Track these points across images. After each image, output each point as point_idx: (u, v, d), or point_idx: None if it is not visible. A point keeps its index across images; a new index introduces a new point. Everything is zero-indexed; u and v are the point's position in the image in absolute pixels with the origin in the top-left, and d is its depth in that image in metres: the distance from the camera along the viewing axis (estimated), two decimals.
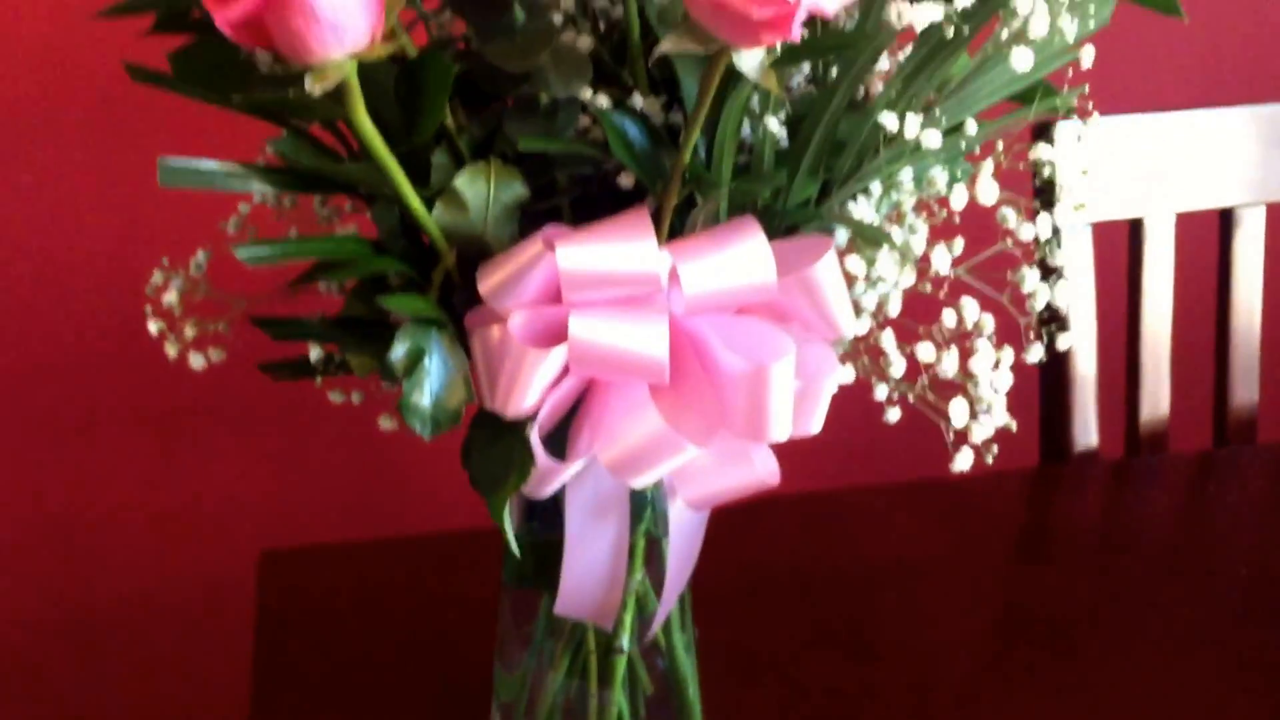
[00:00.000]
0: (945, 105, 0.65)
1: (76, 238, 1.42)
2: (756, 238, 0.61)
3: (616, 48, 0.67)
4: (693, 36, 0.53)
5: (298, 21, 0.50)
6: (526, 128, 0.62)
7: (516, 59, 0.58)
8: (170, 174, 0.56)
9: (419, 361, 0.59)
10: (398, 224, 0.63)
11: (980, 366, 0.62)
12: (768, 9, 0.49)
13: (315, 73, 0.53)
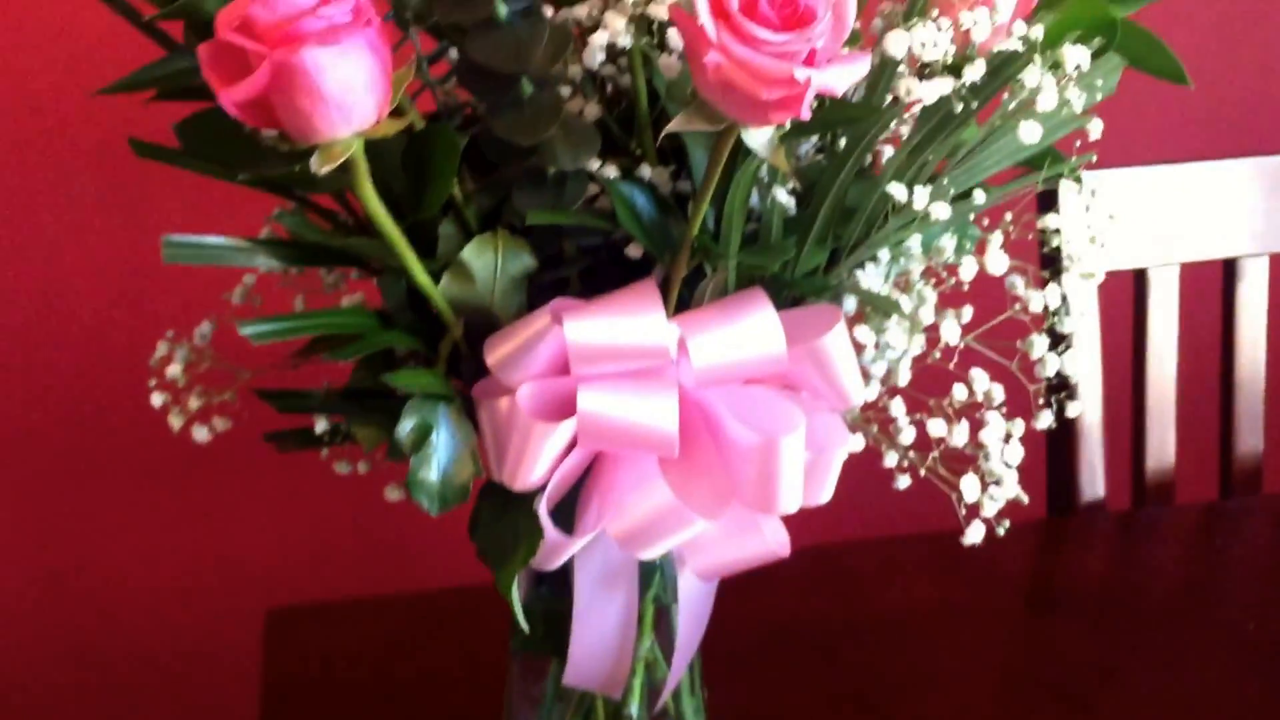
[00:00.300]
0: (953, 174, 0.65)
1: (81, 294, 1.42)
2: (765, 309, 0.61)
3: (623, 116, 0.67)
4: (702, 115, 0.53)
5: (304, 102, 0.50)
6: (534, 199, 0.61)
7: (525, 133, 0.58)
8: (175, 251, 0.56)
9: (426, 437, 0.58)
10: (404, 295, 0.62)
11: (991, 438, 0.61)
12: (777, 90, 0.49)
13: (322, 151, 0.52)
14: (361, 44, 0.50)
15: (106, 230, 1.37)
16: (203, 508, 1.50)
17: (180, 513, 1.51)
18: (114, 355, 1.40)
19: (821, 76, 0.49)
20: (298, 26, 0.49)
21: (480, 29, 0.56)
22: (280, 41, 0.49)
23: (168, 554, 1.53)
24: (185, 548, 1.53)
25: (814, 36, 0.49)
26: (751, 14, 0.49)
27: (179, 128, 0.61)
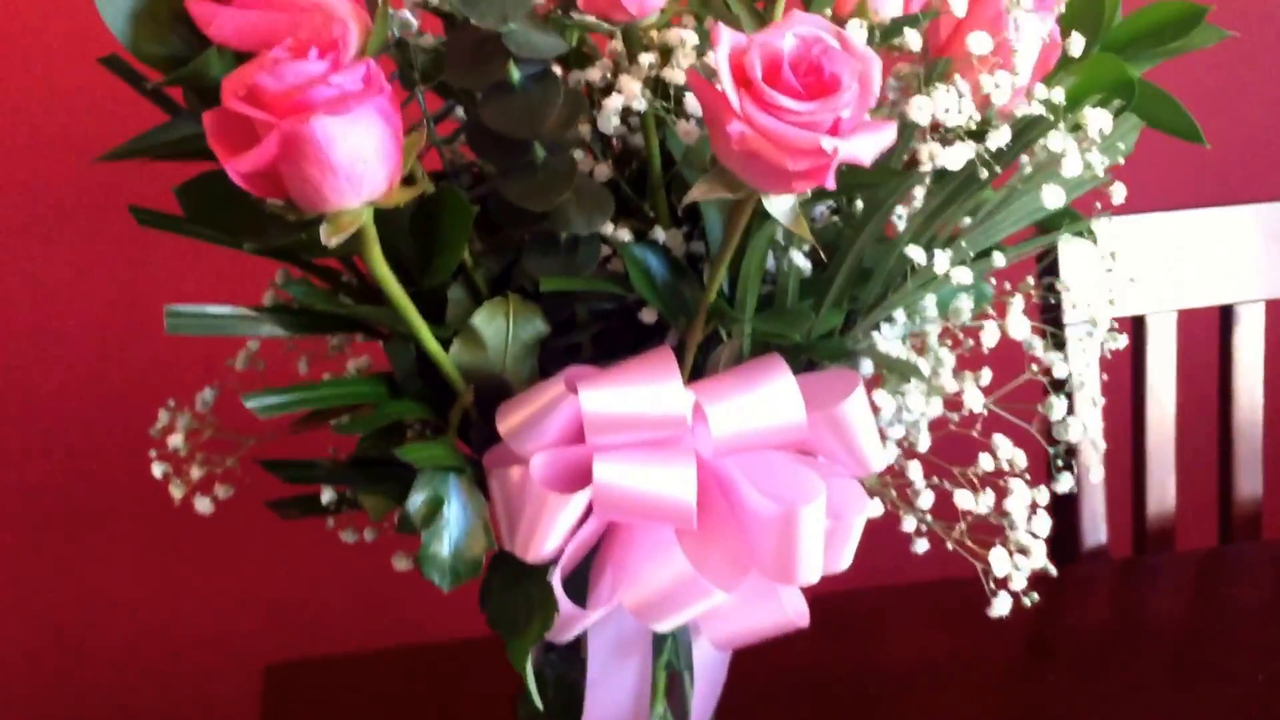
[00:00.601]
0: (970, 235, 0.64)
1: (75, 336, 1.39)
2: (784, 376, 0.59)
3: (635, 176, 0.65)
4: (722, 183, 0.52)
5: (313, 172, 0.49)
6: (546, 264, 0.60)
7: (538, 199, 0.56)
8: (178, 322, 0.54)
9: (438, 510, 0.57)
10: (413, 361, 0.61)
11: (1016, 507, 0.60)
12: (803, 161, 0.47)
13: (331, 222, 0.51)
14: (373, 112, 0.49)
15: (102, 269, 1.35)
16: (201, 561, 1.48)
17: (178, 566, 1.48)
18: (111, 405, 1.37)
19: (849, 146, 0.48)
20: (307, 95, 0.48)
21: (493, 93, 0.55)
22: (289, 110, 0.48)
23: (166, 608, 1.50)
24: (183, 602, 1.50)
25: (840, 106, 0.48)
26: (775, 82, 0.48)
27: (180, 192, 0.59)
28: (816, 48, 0.49)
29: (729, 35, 0.49)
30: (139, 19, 0.52)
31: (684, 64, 0.56)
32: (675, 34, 0.56)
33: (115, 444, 1.39)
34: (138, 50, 0.53)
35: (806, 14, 0.50)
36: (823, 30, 0.49)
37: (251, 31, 0.51)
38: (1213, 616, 1.22)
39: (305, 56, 0.48)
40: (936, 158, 0.53)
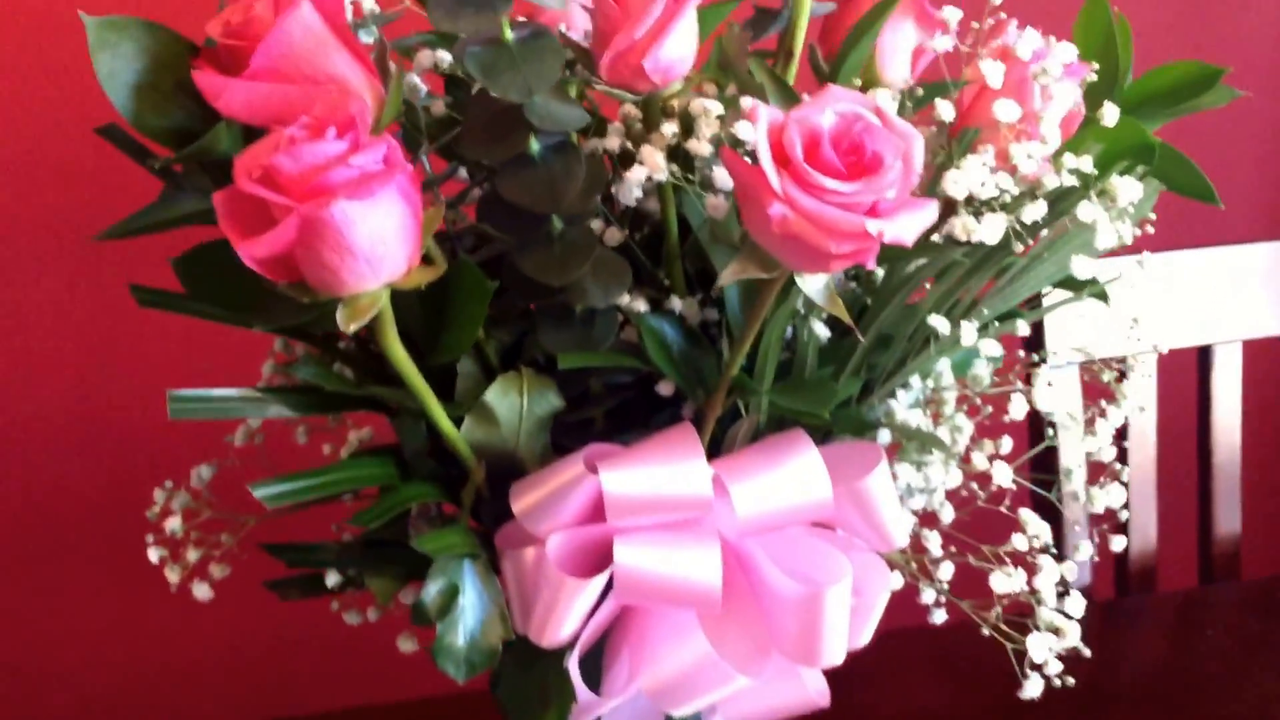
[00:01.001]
0: (991, 301, 0.63)
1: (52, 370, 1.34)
2: (809, 453, 0.57)
3: (646, 241, 0.63)
4: (755, 262, 0.50)
5: (331, 257, 0.46)
6: (562, 338, 0.58)
7: (556, 273, 0.54)
8: (181, 407, 0.51)
9: (453, 600, 0.54)
10: (424, 440, 0.58)
11: (1045, 585, 0.58)
12: (847, 244, 0.46)
13: (347, 305, 0.48)
14: (394, 193, 0.47)
15: (82, 303, 1.30)
16: (179, 616, 1.43)
17: (155, 618, 1.43)
18: (86, 444, 1.32)
19: (894, 228, 0.46)
20: (326, 178, 0.45)
21: (511, 166, 0.53)
22: (308, 194, 0.45)
23: (145, 661, 1.45)
24: (162, 654, 1.45)
25: (885, 186, 0.46)
26: (816, 161, 0.46)
27: (180, 265, 0.56)
28: (858, 125, 0.47)
29: (767, 112, 0.47)
30: (142, 90, 0.50)
31: (707, 133, 0.54)
32: (698, 103, 0.54)
33: (87, 487, 1.34)
34: (140, 123, 0.50)
35: (843, 90, 0.48)
36: (862, 106, 0.47)
37: (263, 105, 0.49)
38: (1195, 658, 1.21)
39: (323, 135, 0.46)
40: (973, 233, 0.52)
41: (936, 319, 0.59)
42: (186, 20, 0.53)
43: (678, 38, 0.52)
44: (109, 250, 1.25)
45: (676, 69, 0.53)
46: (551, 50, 0.50)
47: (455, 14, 0.48)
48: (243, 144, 0.51)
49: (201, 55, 0.51)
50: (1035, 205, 0.53)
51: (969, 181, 0.51)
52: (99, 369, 1.32)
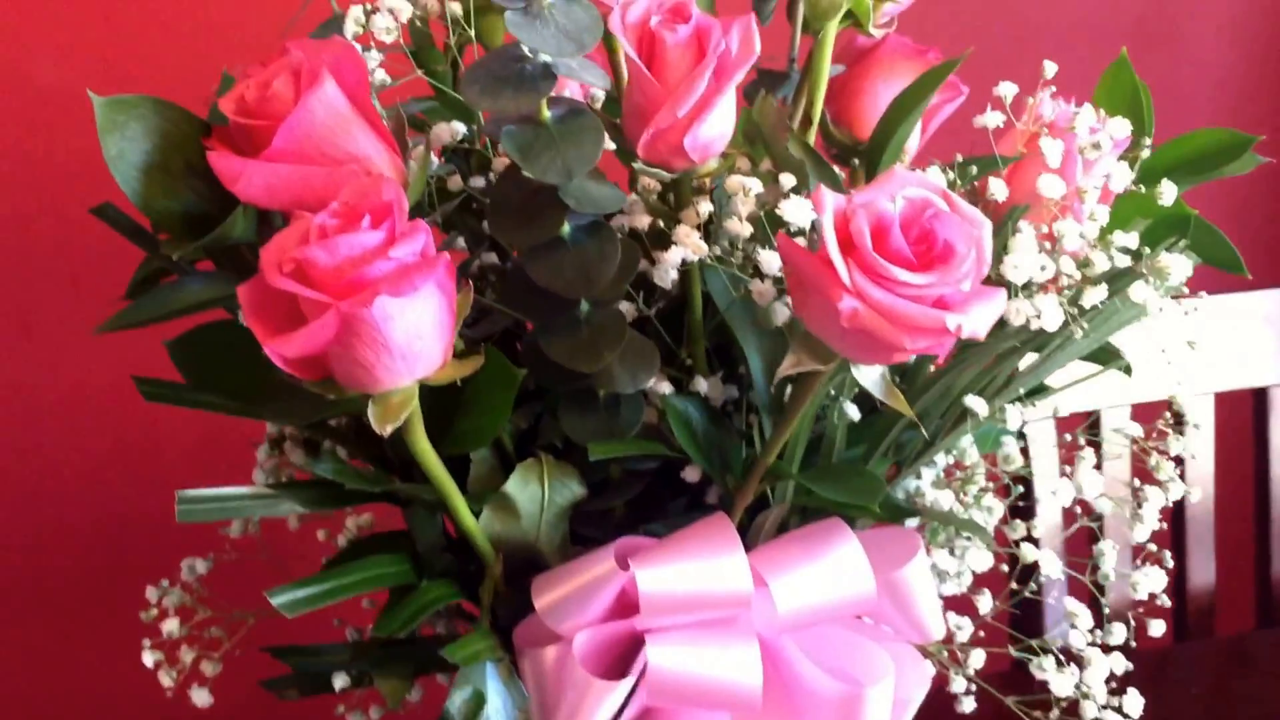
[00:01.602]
0: (1024, 377, 0.61)
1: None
2: (849, 544, 0.55)
3: (667, 318, 0.60)
4: (811, 353, 0.47)
5: (366, 354, 0.43)
6: (587, 426, 0.54)
7: (586, 358, 0.51)
8: (190, 509, 0.48)
9: (479, 709, 0.51)
10: (440, 535, 0.55)
11: (1095, 680, 0.56)
12: (923, 340, 0.43)
13: (378, 403, 0.45)
14: (432, 286, 0.43)
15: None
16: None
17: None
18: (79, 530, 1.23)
19: (970, 321, 0.43)
20: (365, 272, 0.42)
21: (541, 248, 0.50)
22: (345, 289, 0.42)
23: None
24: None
25: (961, 277, 0.43)
26: (885, 250, 0.43)
27: (176, 348, 0.52)
28: (928, 211, 0.44)
29: (831, 197, 0.44)
30: (150, 172, 0.46)
31: (744, 212, 0.51)
32: (735, 180, 0.51)
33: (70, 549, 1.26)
34: (149, 207, 0.46)
35: (907, 172, 0.46)
36: (930, 191, 0.45)
37: (284, 189, 0.45)
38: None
39: (357, 224, 0.42)
40: (1033, 322, 0.49)
41: (974, 400, 0.57)
42: (185, 91, 0.50)
43: (719, 114, 0.50)
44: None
45: (715, 146, 0.51)
46: (591, 130, 0.47)
47: (494, 92, 0.45)
48: (257, 229, 0.48)
49: (214, 134, 0.47)
50: (1096, 290, 0.50)
51: (1028, 266, 0.49)
52: (93, 455, 1.23)
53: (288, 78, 0.46)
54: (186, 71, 0.81)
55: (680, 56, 0.49)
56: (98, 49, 1.01)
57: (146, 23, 1.03)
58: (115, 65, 1.01)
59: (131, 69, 1.01)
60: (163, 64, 1.00)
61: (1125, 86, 0.65)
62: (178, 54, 1.01)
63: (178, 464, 1.12)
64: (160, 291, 0.48)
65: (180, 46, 1.04)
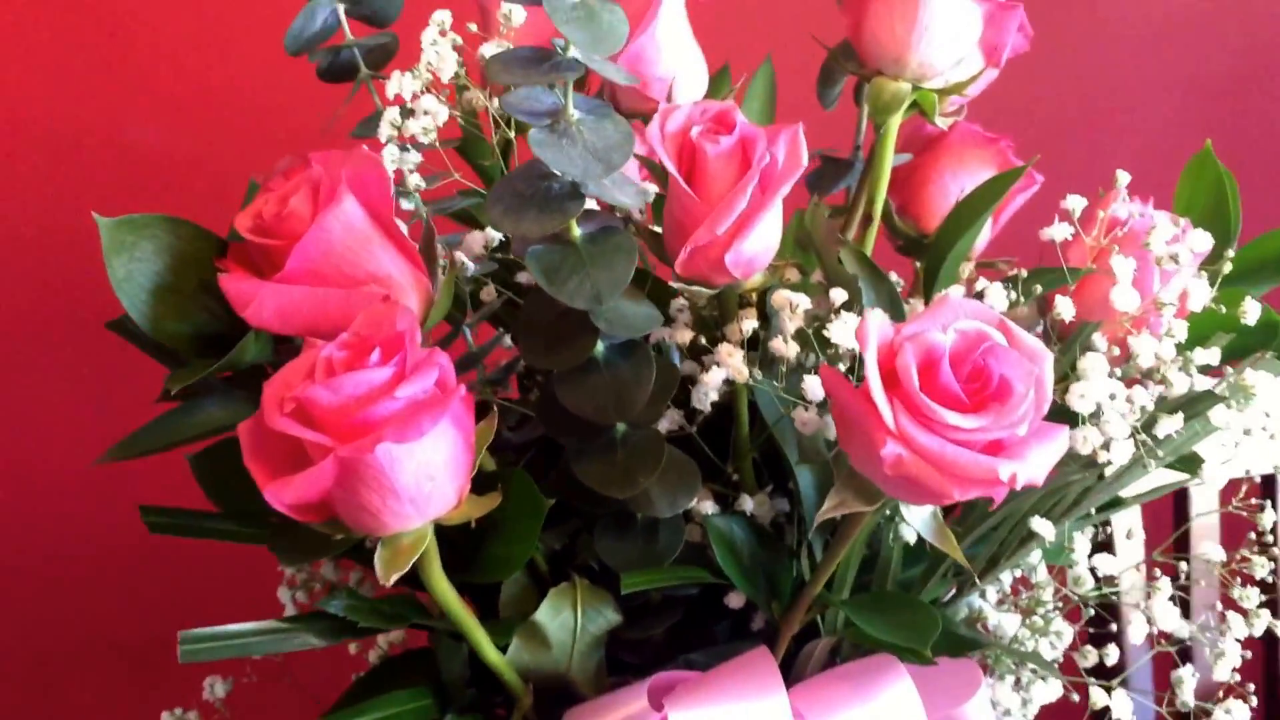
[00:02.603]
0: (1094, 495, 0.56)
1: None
2: (902, 682, 0.51)
3: (708, 428, 0.56)
4: (857, 493, 0.43)
5: (372, 499, 0.40)
6: (623, 551, 0.51)
7: (621, 484, 0.48)
8: (194, 649, 0.45)
9: None
10: (464, 666, 0.52)
11: None
12: (974, 490, 0.39)
13: (388, 547, 0.42)
14: (446, 423, 0.40)
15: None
16: None
17: None
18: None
19: (1027, 469, 0.40)
20: (369, 413, 0.39)
21: (574, 370, 0.47)
22: (348, 431, 0.39)
23: None
24: None
25: (1016, 420, 0.40)
26: (934, 389, 0.40)
27: (197, 463, 0.50)
28: (982, 345, 0.41)
29: (876, 327, 0.41)
30: (161, 293, 0.44)
31: (791, 328, 0.48)
32: (781, 296, 0.48)
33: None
34: (159, 329, 0.44)
35: (962, 300, 0.42)
36: (986, 323, 0.41)
37: (297, 314, 0.43)
38: None
39: (365, 358, 0.40)
40: (1100, 456, 0.45)
41: (1040, 524, 0.53)
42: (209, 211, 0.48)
43: (764, 229, 0.46)
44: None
45: (760, 261, 0.48)
46: (623, 251, 0.44)
47: (518, 213, 0.42)
48: (273, 350, 0.45)
49: (229, 252, 0.45)
50: (1171, 419, 0.46)
51: (1096, 394, 0.45)
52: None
53: (306, 194, 0.44)
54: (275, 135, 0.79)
55: (723, 168, 0.45)
56: (192, 109, 0.99)
57: (239, 86, 1.02)
58: (211, 124, 0.99)
59: (223, 128, 0.99)
60: (248, 125, 0.97)
61: (1209, 181, 0.61)
62: (264, 114, 0.99)
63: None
64: (173, 415, 0.46)
65: (268, 108, 1.02)
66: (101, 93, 0.95)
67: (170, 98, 0.96)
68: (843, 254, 0.50)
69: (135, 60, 0.95)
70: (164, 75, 0.95)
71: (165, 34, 0.96)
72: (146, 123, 0.95)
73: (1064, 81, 1.13)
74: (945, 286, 0.49)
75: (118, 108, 0.95)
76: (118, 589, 1.00)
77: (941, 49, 0.56)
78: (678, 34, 0.55)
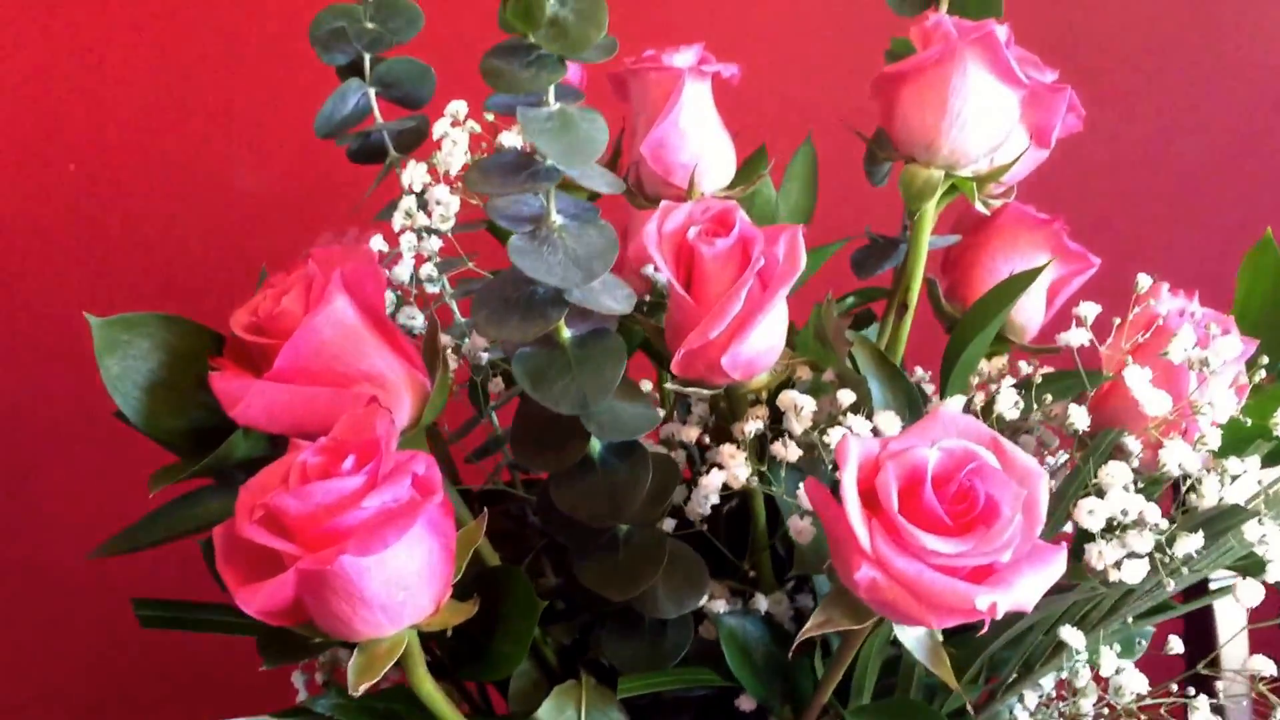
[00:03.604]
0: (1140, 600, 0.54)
1: None
2: None
3: (727, 520, 0.55)
4: (844, 610, 0.42)
5: (342, 607, 0.40)
6: (628, 650, 0.50)
7: (621, 585, 0.47)
8: None
9: None
10: None
11: None
12: (950, 619, 0.38)
13: (364, 653, 0.42)
14: (421, 530, 0.40)
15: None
16: None
17: None
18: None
19: (1012, 596, 0.38)
20: (336, 523, 0.39)
21: (567, 473, 0.46)
22: (315, 542, 0.39)
23: None
24: None
25: (1000, 546, 0.38)
26: (914, 510, 0.38)
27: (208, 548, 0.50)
28: (969, 465, 0.39)
29: (857, 446, 0.39)
30: (155, 391, 0.44)
31: (798, 430, 0.47)
32: (788, 397, 0.46)
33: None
34: (153, 426, 0.45)
35: (956, 415, 0.40)
36: (976, 443, 0.39)
37: (284, 413, 0.43)
38: None
39: (339, 463, 0.40)
40: (1110, 575, 0.43)
41: (1070, 632, 0.50)
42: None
43: (764, 330, 0.45)
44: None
45: (761, 362, 0.46)
46: (612, 354, 0.43)
47: (500, 319, 0.42)
48: (271, 444, 0.46)
49: (228, 349, 0.46)
50: (1191, 539, 0.44)
51: (1109, 509, 0.43)
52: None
53: (299, 292, 0.44)
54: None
55: (720, 270, 0.45)
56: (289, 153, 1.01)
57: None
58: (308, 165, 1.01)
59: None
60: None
61: (1269, 269, 0.58)
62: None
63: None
64: (171, 507, 0.47)
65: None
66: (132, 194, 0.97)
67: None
68: (857, 352, 0.48)
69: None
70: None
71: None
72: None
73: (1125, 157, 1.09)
74: (955, 392, 0.47)
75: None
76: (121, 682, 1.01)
77: (974, 136, 0.54)
78: (703, 120, 0.54)
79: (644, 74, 0.54)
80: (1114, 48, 1.07)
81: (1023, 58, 0.60)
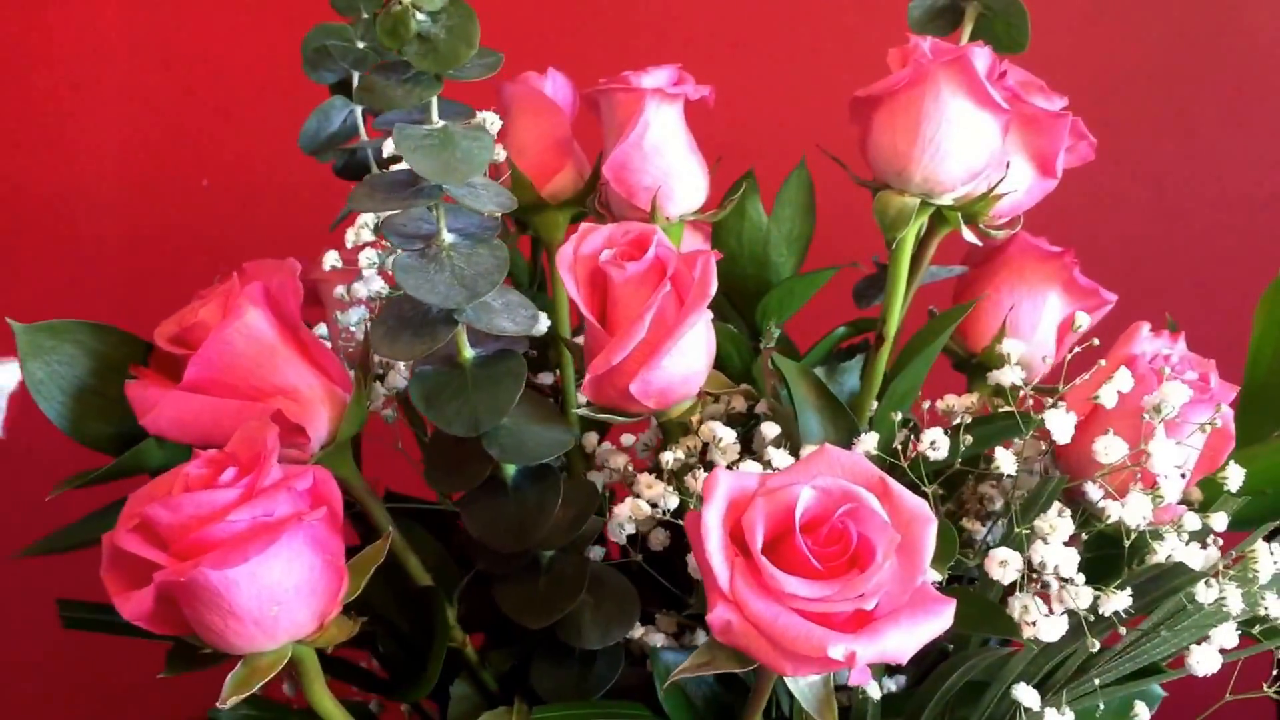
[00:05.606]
0: (1116, 661, 0.50)
1: None
2: None
3: (670, 555, 0.53)
4: (725, 654, 0.40)
5: (213, 619, 0.40)
6: (556, 679, 0.49)
7: (538, 613, 0.46)
8: None
9: None
10: None
11: None
12: (805, 667, 0.36)
13: (246, 664, 0.42)
14: (298, 545, 0.40)
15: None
16: None
17: None
18: None
19: (878, 645, 0.36)
20: (203, 535, 0.39)
21: (477, 494, 0.45)
22: (185, 553, 0.39)
23: None
24: None
25: (867, 590, 0.36)
26: (782, 553, 0.36)
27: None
28: (845, 506, 0.37)
29: (727, 480, 0.38)
30: (82, 396, 0.45)
31: (724, 461, 0.45)
32: (708, 428, 0.45)
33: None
34: (78, 430, 0.46)
35: (842, 453, 0.38)
36: (860, 483, 0.37)
37: (193, 423, 0.44)
38: None
39: (220, 475, 0.40)
40: (1025, 631, 0.40)
41: (1024, 691, 0.47)
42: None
43: (676, 358, 0.44)
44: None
45: (677, 390, 0.45)
46: (511, 375, 0.42)
47: (394, 337, 0.41)
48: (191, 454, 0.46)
49: (153, 358, 0.46)
50: (1116, 598, 0.41)
51: (1020, 563, 0.40)
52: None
53: (217, 304, 0.45)
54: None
55: (632, 295, 0.44)
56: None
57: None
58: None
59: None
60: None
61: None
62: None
63: None
64: (105, 511, 0.48)
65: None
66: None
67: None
68: (793, 383, 0.46)
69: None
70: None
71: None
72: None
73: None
74: (884, 429, 0.45)
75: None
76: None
77: (948, 162, 0.52)
78: (668, 142, 0.53)
79: (611, 94, 0.53)
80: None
81: (1026, 82, 0.58)
